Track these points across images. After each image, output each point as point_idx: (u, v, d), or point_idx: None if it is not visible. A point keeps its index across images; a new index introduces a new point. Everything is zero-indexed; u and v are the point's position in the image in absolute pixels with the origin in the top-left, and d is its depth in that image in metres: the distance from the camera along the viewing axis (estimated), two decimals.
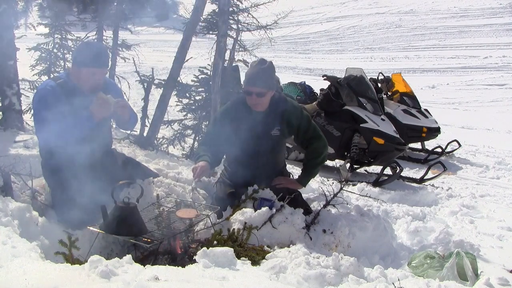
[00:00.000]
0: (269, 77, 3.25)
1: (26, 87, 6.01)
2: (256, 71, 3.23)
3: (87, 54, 3.00)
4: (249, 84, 3.24)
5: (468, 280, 2.60)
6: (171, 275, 1.99)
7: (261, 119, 3.31)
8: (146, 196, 2.95)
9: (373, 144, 5.53)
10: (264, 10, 5.78)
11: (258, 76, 3.21)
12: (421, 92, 11.26)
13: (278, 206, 3.05)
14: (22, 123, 5.44)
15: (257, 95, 3.22)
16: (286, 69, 16.25)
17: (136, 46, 6.53)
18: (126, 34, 6.92)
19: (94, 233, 2.61)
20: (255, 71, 3.23)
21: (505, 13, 23.49)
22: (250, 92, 3.24)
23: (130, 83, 6.71)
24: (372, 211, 3.44)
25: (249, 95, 3.26)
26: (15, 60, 5.31)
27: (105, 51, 3.22)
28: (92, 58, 2.99)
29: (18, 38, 5.52)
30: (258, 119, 3.31)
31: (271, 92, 3.28)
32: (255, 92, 3.22)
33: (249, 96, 3.26)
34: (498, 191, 5.26)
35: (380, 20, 25.85)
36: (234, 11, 5.62)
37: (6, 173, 3.10)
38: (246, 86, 3.27)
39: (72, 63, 3.15)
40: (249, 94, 3.25)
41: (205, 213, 2.80)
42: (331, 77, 6.11)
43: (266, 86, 3.22)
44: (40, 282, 1.78)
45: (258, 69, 3.23)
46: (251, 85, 3.23)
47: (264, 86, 3.21)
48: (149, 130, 5.85)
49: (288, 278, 2.24)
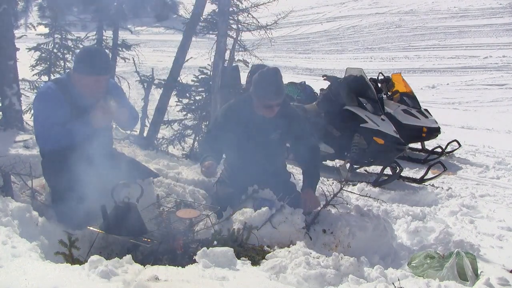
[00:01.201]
0: (282, 85, 3.27)
1: (26, 87, 6.00)
2: (272, 84, 3.20)
3: (88, 62, 2.97)
4: (270, 98, 3.21)
5: (468, 280, 2.60)
6: (171, 275, 1.99)
7: (262, 122, 3.31)
8: (146, 196, 2.95)
9: (373, 144, 5.53)
10: (264, 10, 5.77)
11: (276, 88, 3.21)
12: (421, 92, 11.26)
13: (278, 206, 3.05)
14: (22, 123, 5.44)
15: (277, 105, 3.24)
16: (286, 69, 16.23)
17: (136, 46, 6.52)
18: (126, 34, 6.91)
19: (94, 233, 2.61)
20: (272, 84, 3.20)
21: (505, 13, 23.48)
22: (271, 105, 3.22)
23: (130, 83, 6.70)
24: (372, 211, 3.45)
25: (269, 108, 3.24)
26: (15, 60, 5.31)
27: (106, 57, 3.21)
28: (93, 66, 2.97)
29: (18, 38, 5.52)
30: (260, 122, 3.31)
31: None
32: (276, 104, 3.23)
33: (270, 108, 3.24)
34: (498, 191, 5.26)
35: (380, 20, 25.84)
36: (234, 11, 5.61)
37: (6, 173, 3.11)
38: (266, 100, 3.22)
39: (73, 68, 3.13)
40: (270, 107, 3.23)
41: (205, 213, 2.80)
42: (331, 77, 6.10)
43: (283, 95, 3.26)
44: (40, 282, 1.78)
45: (273, 81, 3.20)
46: (272, 99, 3.21)
47: (282, 95, 3.25)
48: (149, 130, 5.85)
49: (288, 278, 2.24)
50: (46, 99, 3.01)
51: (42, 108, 3.01)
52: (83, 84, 3.02)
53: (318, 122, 5.95)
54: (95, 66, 2.97)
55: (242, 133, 3.28)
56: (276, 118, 3.33)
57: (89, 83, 3.00)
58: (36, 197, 3.21)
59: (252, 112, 3.32)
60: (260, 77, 3.25)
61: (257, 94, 3.25)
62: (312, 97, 6.77)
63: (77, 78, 3.04)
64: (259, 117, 3.31)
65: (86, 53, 3.17)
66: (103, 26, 6.42)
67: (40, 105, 3.03)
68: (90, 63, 2.96)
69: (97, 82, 3.01)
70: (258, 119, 3.31)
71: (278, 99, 3.22)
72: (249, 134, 3.28)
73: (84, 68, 2.97)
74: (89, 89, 3.03)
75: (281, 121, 3.34)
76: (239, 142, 3.28)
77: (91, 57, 3.03)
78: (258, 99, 3.25)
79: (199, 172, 4.48)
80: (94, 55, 3.07)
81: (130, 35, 7.08)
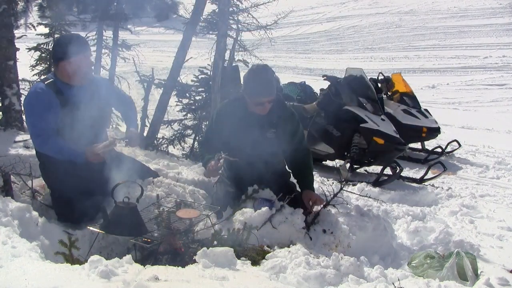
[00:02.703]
0: (273, 82, 3.29)
1: (26, 87, 5.99)
2: (262, 81, 3.22)
3: (67, 45, 3.00)
4: (260, 95, 3.23)
5: (468, 280, 2.60)
6: (171, 275, 1.99)
7: (257, 121, 3.32)
8: (146, 196, 2.95)
9: (373, 144, 5.53)
10: (264, 10, 5.78)
11: (266, 85, 3.22)
12: (421, 92, 11.25)
13: (278, 206, 3.05)
14: (22, 123, 5.44)
15: (269, 102, 3.26)
16: (286, 69, 16.24)
17: (136, 46, 6.53)
18: (126, 34, 6.92)
19: (94, 233, 2.61)
20: (261, 81, 3.22)
21: (505, 13, 23.48)
22: (263, 102, 3.24)
23: (130, 83, 6.71)
24: (372, 211, 3.45)
25: (261, 105, 3.26)
26: (15, 60, 5.31)
27: (82, 38, 3.27)
28: (73, 46, 3.01)
29: (18, 38, 5.52)
30: (254, 120, 3.31)
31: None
32: (267, 101, 3.24)
33: (261, 106, 3.26)
34: (498, 191, 5.26)
35: (380, 20, 25.85)
36: (234, 11, 5.62)
37: (6, 173, 3.11)
38: (256, 97, 3.24)
39: (55, 61, 3.15)
40: (261, 104, 3.25)
41: (205, 213, 2.80)
42: (331, 77, 6.10)
43: (274, 92, 3.27)
44: (40, 282, 1.78)
45: (263, 78, 3.23)
46: (263, 95, 3.23)
47: (273, 92, 3.25)
48: (149, 130, 5.85)
49: (288, 278, 2.24)
50: (36, 99, 3.02)
51: (32, 109, 3.02)
52: (70, 71, 3.03)
53: (318, 122, 5.95)
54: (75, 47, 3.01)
55: (237, 132, 3.29)
56: (271, 117, 3.34)
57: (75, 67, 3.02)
58: (36, 197, 3.21)
59: (245, 111, 3.33)
60: (249, 75, 3.28)
61: (248, 92, 3.28)
62: (312, 97, 6.77)
63: (61, 68, 3.05)
64: (253, 115, 3.32)
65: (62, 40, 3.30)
66: (103, 26, 6.42)
67: (31, 106, 3.05)
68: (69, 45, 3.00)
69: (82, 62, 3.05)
70: (252, 117, 3.32)
71: (268, 96, 3.24)
72: (245, 132, 3.29)
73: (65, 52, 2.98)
74: (77, 75, 3.05)
75: (276, 120, 3.35)
76: (236, 141, 3.29)
77: (68, 40, 3.10)
78: (250, 97, 3.28)
79: (199, 172, 4.48)
80: (70, 38, 3.18)
81: (130, 35, 7.09)
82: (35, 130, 3.03)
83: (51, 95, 3.00)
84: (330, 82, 5.96)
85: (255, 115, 3.32)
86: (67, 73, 3.04)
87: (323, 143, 5.93)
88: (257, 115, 3.31)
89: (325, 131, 5.85)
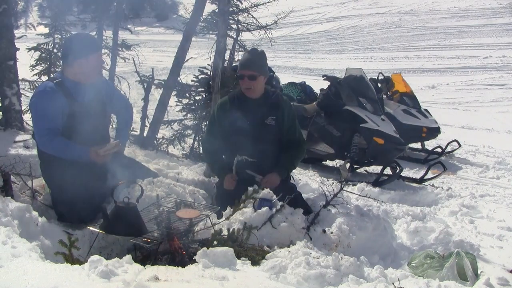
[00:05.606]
0: (260, 61, 3.46)
1: (26, 87, 6.00)
2: (247, 56, 3.47)
3: (80, 44, 3.04)
4: (241, 68, 3.46)
5: (468, 280, 2.60)
6: (171, 275, 1.99)
7: (255, 107, 3.46)
8: (146, 196, 2.95)
9: (373, 144, 5.53)
10: (264, 10, 5.77)
11: (249, 60, 3.44)
12: (421, 92, 11.26)
13: (278, 206, 3.05)
14: (22, 123, 5.44)
15: (248, 77, 3.40)
16: (286, 69, 16.23)
17: (136, 46, 6.52)
18: (126, 34, 6.90)
19: (94, 233, 2.61)
20: (247, 56, 3.48)
21: (505, 13, 23.45)
22: (242, 76, 3.42)
23: (130, 83, 6.70)
24: (372, 211, 3.44)
25: (241, 79, 3.45)
26: (15, 60, 5.31)
27: (93, 37, 3.30)
28: (90, 45, 3.07)
29: (18, 38, 5.52)
30: (252, 106, 3.46)
31: (263, 78, 3.46)
32: (247, 75, 3.40)
33: (242, 80, 3.44)
34: (498, 191, 5.26)
35: (380, 20, 25.82)
36: (234, 11, 5.61)
37: (6, 173, 3.10)
38: (238, 70, 3.47)
39: (64, 61, 3.16)
40: (241, 77, 3.44)
41: (205, 213, 2.80)
42: (331, 77, 6.11)
43: (257, 70, 3.41)
44: (40, 282, 1.78)
45: (249, 54, 3.48)
46: (243, 68, 3.44)
47: (255, 69, 3.41)
48: (149, 130, 5.85)
49: (288, 278, 2.24)
50: (44, 98, 3.02)
51: (39, 108, 3.02)
52: (82, 70, 3.05)
53: (318, 122, 5.95)
54: (89, 46, 3.07)
55: (237, 121, 3.43)
56: (267, 103, 3.49)
57: (88, 66, 3.05)
58: (36, 197, 3.21)
59: (243, 99, 3.49)
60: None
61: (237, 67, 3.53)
62: (312, 97, 6.78)
63: (72, 68, 3.06)
64: (252, 103, 3.47)
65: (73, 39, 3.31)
66: (103, 26, 6.42)
67: (38, 105, 3.04)
68: (83, 44, 3.04)
69: (95, 61, 3.10)
70: (251, 105, 3.46)
71: (246, 69, 3.41)
72: (244, 120, 3.43)
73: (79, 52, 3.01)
74: (89, 74, 3.08)
75: (273, 107, 3.49)
76: (237, 130, 3.41)
77: (81, 40, 3.16)
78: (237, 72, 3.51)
79: (199, 172, 4.49)
80: (82, 37, 3.25)
81: (130, 35, 7.08)
82: (41, 129, 3.03)
83: (59, 94, 3.01)
84: (330, 82, 5.96)
85: (253, 101, 3.46)
86: (82, 71, 3.06)
87: (323, 143, 5.94)
88: (256, 103, 3.45)
89: (325, 131, 5.85)
